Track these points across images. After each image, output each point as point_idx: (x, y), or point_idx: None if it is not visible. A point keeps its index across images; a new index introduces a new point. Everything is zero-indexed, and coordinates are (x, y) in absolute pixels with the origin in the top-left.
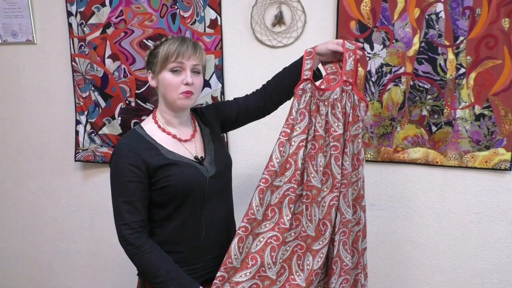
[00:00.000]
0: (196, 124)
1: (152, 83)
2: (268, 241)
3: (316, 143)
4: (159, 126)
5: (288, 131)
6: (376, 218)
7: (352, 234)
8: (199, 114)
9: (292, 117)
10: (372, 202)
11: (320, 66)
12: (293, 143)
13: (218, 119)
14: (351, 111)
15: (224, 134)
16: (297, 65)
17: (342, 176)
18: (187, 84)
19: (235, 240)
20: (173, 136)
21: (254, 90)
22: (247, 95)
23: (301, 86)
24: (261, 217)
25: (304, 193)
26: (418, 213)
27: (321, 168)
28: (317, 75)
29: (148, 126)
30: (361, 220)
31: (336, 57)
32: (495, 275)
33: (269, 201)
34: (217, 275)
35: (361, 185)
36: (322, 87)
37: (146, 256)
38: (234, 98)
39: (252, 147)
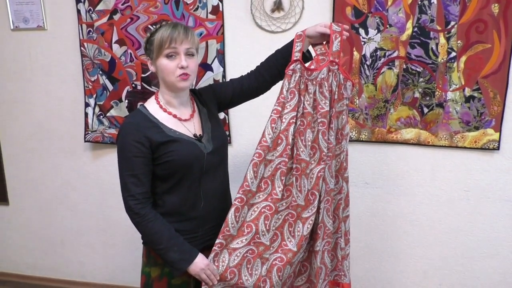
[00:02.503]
0: (195, 104)
1: (152, 68)
2: (262, 210)
3: (305, 120)
4: (161, 107)
5: (280, 108)
6: (370, 195)
7: (334, 202)
8: (197, 95)
9: (283, 95)
10: (367, 180)
11: (310, 48)
12: (284, 120)
13: (215, 99)
14: (336, 89)
15: (226, 115)
16: (288, 47)
17: (328, 149)
18: (182, 67)
19: (232, 210)
20: (173, 115)
21: (249, 72)
22: (242, 76)
23: (291, 67)
24: (255, 189)
25: (294, 166)
26: (410, 190)
27: (309, 143)
28: (307, 56)
29: (151, 106)
30: (343, 189)
31: (325, 39)
32: (484, 249)
33: (263, 174)
34: (216, 242)
35: (344, 157)
36: (312, 67)
37: (150, 224)
38: (230, 79)
39: (251, 127)
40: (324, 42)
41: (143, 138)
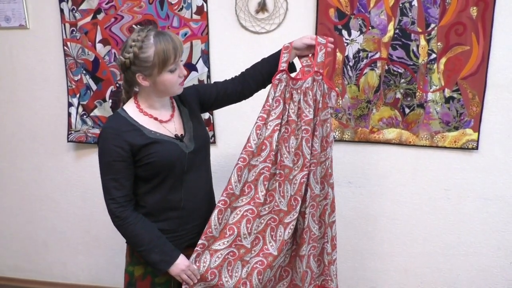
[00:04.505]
0: (175, 105)
1: (145, 83)
2: (244, 214)
3: (289, 127)
4: (141, 110)
5: (265, 116)
6: (353, 195)
7: (320, 207)
8: (180, 96)
9: (268, 103)
10: (350, 180)
11: (296, 60)
12: (269, 126)
13: (198, 99)
14: (321, 98)
15: (210, 115)
16: (275, 57)
17: (312, 156)
18: (183, 75)
19: (215, 212)
20: (154, 118)
21: (233, 76)
22: (226, 80)
23: (277, 77)
24: (239, 192)
25: (277, 172)
26: (392, 190)
27: (293, 149)
28: (292, 67)
29: (130, 109)
30: (328, 195)
31: (311, 51)
32: (463, 247)
33: (247, 178)
34: (199, 242)
35: (329, 164)
36: (298, 77)
37: (130, 227)
38: (214, 82)
39: (236, 127)
40: (310, 55)
41: (123, 143)
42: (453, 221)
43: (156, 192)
